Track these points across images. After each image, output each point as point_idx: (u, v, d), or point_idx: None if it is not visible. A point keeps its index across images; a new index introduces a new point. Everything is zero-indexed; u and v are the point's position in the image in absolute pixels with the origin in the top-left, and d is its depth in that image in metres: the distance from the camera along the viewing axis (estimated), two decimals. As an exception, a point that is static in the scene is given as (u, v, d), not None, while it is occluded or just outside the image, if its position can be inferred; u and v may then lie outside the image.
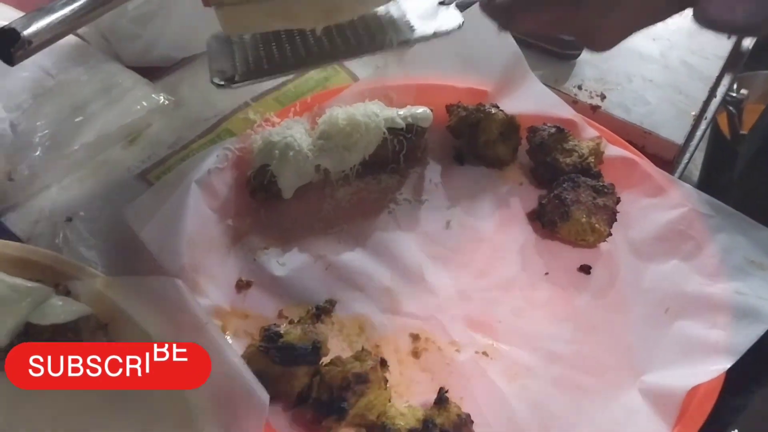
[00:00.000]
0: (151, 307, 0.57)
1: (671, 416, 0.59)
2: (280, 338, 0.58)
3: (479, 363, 0.62)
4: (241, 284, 0.66)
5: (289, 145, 0.70)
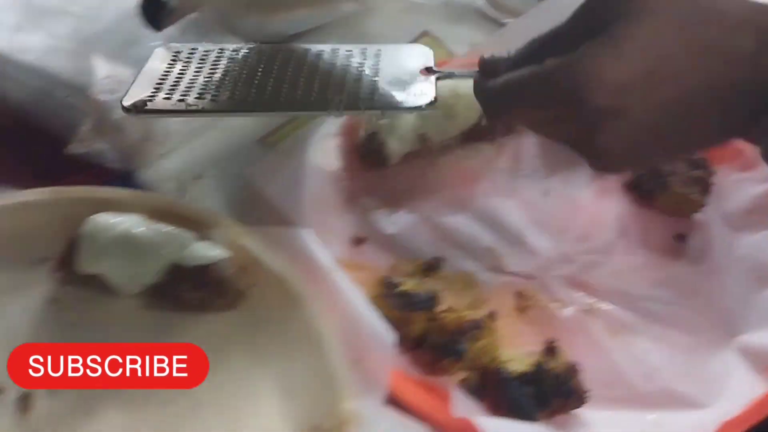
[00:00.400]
0: (280, 254, 0.62)
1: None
2: (397, 287, 0.62)
3: (582, 320, 0.66)
4: (356, 240, 0.70)
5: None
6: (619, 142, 0.42)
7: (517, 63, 0.45)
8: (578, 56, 0.40)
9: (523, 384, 0.58)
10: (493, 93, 0.46)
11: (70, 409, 0.55)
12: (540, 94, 0.43)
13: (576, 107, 0.41)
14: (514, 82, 0.44)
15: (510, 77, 0.44)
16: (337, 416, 0.53)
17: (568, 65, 0.41)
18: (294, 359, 0.58)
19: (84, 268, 0.60)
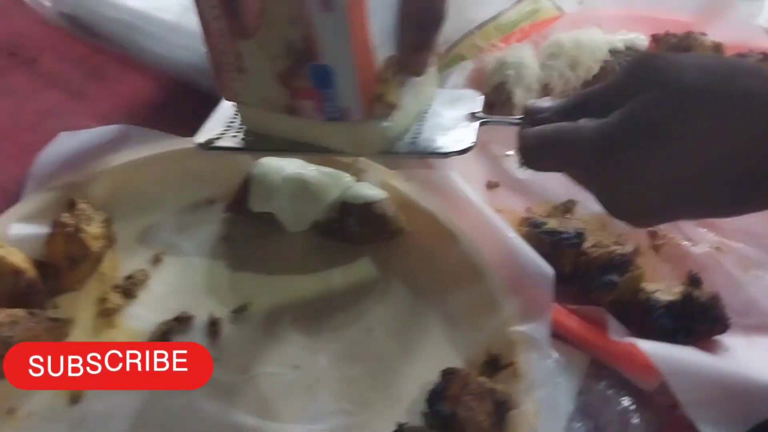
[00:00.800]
0: (432, 194, 0.66)
1: None
2: (543, 225, 0.66)
3: (714, 256, 0.69)
4: (491, 184, 0.74)
5: (522, 64, 0.78)
6: (640, 205, 0.44)
7: (557, 116, 0.47)
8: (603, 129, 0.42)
9: (670, 312, 0.61)
10: (528, 142, 0.47)
11: (255, 333, 0.60)
12: (566, 155, 0.45)
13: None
14: (545, 137, 0.46)
15: (542, 130, 0.46)
16: (506, 340, 0.57)
17: (594, 136, 0.43)
18: (455, 290, 0.62)
19: (255, 208, 0.64)
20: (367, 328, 0.61)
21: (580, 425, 0.57)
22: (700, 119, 0.40)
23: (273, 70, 0.47)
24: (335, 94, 0.46)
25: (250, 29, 0.45)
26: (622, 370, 0.59)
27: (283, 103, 0.49)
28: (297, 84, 0.47)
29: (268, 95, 0.49)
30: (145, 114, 0.76)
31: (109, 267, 0.63)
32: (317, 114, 0.48)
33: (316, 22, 0.43)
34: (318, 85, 0.46)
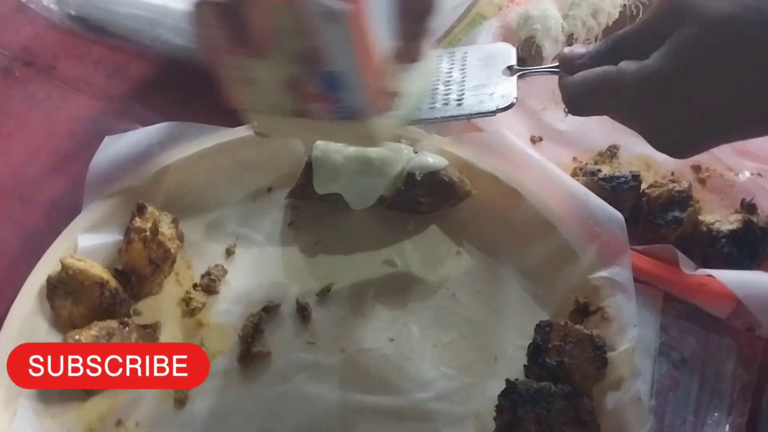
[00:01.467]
0: (487, 155, 0.67)
1: None
2: (599, 172, 0.68)
3: (757, 182, 0.72)
4: (535, 139, 0.75)
5: (547, 17, 0.78)
6: (689, 136, 0.46)
7: (594, 60, 0.48)
8: (647, 70, 0.44)
9: (733, 240, 0.64)
10: (573, 90, 0.48)
11: (344, 312, 0.61)
12: (612, 98, 0.46)
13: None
14: (590, 83, 0.47)
15: (586, 76, 0.47)
16: (590, 287, 0.59)
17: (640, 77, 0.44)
18: (529, 246, 0.63)
19: (321, 190, 0.64)
20: (450, 294, 0.62)
21: (665, 358, 0.60)
22: (741, 47, 0.41)
23: (281, 79, 0.47)
24: (344, 96, 0.47)
25: (260, 49, 0.45)
26: (697, 301, 0.62)
27: (292, 108, 0.49)
28: (305, 90, 0.47)
29: (277, 102, 0.49)
30: (180, 109, 0.74)
31: (182, 267, 0.63)
32: (328, 115, 0.49)
33: (322, 34, 0.43)
34: (327, 89, 0.47)
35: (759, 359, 0.61)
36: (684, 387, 0.59)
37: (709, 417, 0.58)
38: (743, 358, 0.61)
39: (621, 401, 0.53)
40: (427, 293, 0.62)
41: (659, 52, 0.44)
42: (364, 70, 0.45)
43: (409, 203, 0.64)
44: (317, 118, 0.49)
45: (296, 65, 0.46)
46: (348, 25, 0.43)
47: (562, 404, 0.51)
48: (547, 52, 0.78)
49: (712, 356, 0.61)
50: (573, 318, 0.59)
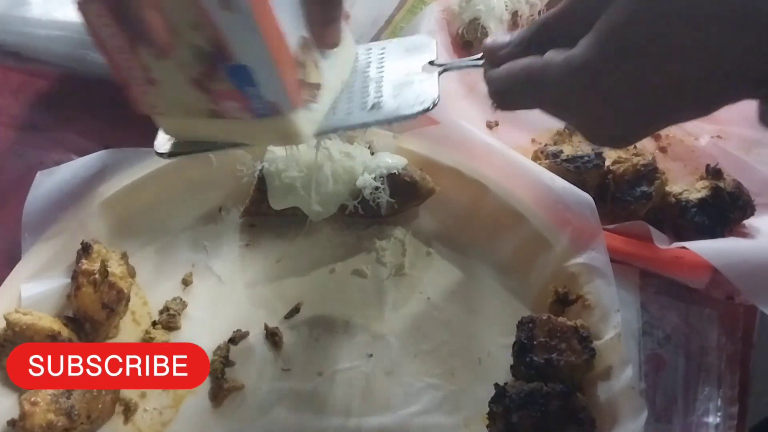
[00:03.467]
0: (446, 148, 0.64)
1: None
2: (561, 153, 0.66)
3: (717, 144, 0.71)
4: (491, 124, 0.73)
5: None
6: (623, 126, 0.42)
7: (519, 49, 0.44)
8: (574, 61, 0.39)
9: (703, 208, 0.63)
10: (497, 84, 0.44)
11: (316, 332, 0.58)
12: (539, 93, 0.42)
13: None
14: (514, 76, 0.43)
15: (510, 69, 0.43)
16: (566, 274, 0.57)
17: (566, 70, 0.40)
18: (500, 238, 0.61)
19: (277, 206, 0.60)
20: (425, 299, 0.60)
21: (648, 337, 0.59)
22: (672, 31, 0.37)
23: (186, 77, 0.43)
24: (259, 91, 0.42)
25: (160, 46, 0.41)
26: (674, 274, 0.61)
27: (204, 107, 0.45)
28: (216, 87, 0.43)
29: (186, 102, 0.45)
30: (116, 133, 0.70)
31: (138, 304, 0.59)
32: (243, 114, 0.44)
33: (219, 23, 0.39)
34: (239, 84, 0.43)
35: (741, 327, 0.60)
36: (671, 365, 0.58)
37: (700, 393, 0.57)
38: (726, 327, 0.60)
39: (613, 391, 0.51)
40: (402, 301, 0.60)
41: (586, 39, 0.39)
42: (277, 60, 0.41)
43: (372, 208, 0.61)
44: (232, 117, 0.45)
45: (200, 60, 0.42)
46: (250, 13, 0.39)
47: (556, 404, 0.49)
48: (494, 33, 0.76)
49: (695, 329, 0.60)
50: (553, 309, 0.57)
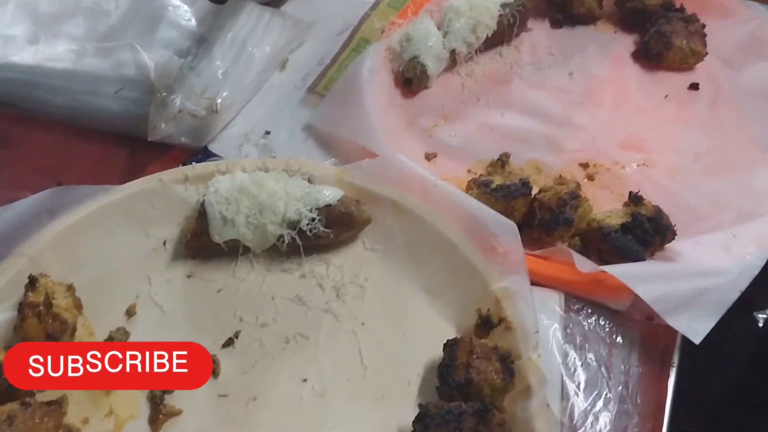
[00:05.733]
0: (383, 180, 0.68)
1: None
2: (491, 183, 0.69)
3: (643, 172, 0.75)
4: (429, 156, 0.77)
5: (428, 36, 0.80)
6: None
7: None
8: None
9: (625, 233, 0.66)
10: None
11: (253, 360, 0.60)
12: None
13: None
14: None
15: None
16: (491, 299, 0.61)
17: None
18: (432, 265, 0.64)
19: (217, 238, 0.63)
20: (360, 324, 0.62)
21: (575, 356, 0.62)
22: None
23: None
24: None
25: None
26: (596, 297, 0.64)
27: None
28: None
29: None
30: (67, 171, 0.73)
31: (84, 334, 0.61)
32: None
33: None
34: None
35: (660, 347, 0.63)
36: (593, 384, 0.61)
37: (620, 410, 0.60)
38: (646, 347, 0.63)
39: (531, 409, 0.54)
40: (338, 326, 0.62)
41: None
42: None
43: (309, 238, 0.64)
44: None
45: None
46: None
47: (472, 422, 0.52)
48: (431, 71, 0.80)
49: (617, 349, 0.63)
50: (478, 332, 0.60)
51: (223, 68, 0.76)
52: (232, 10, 0.81)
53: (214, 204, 0.63)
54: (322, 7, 0.90)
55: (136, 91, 0.74)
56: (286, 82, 0.83)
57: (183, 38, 0.78)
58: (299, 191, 0.65)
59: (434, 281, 0.64)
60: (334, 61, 0.83)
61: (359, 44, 0.85)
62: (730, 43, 0.86)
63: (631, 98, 0.82)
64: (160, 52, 0.76)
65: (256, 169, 0.68)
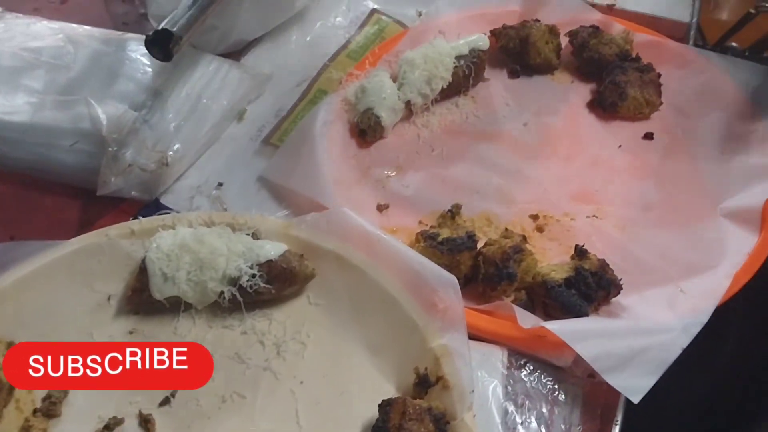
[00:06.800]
0: (329, 234, 0.68)
1: (756, 225, 0.72)
2: (437, 236, 0.69)
3: (593, 224, 0.75)
4: (381, 207, 0.77)
5: (382, 88, 0.81)
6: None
7: None
8: None
9: (568, 287, 0.66)
10: None
11: (188, 419, 0.60)
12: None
13: None
14: None
15: None
16: (430, 356, 0.60)
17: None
18: (373, 320, 0.64)
19: (158, 295, 0.64)
20: (298, 383, 0.62)
21: (515, 415, 0.61)
22: None
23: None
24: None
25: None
26: (539, 353, 0.64)
27: None
28: None
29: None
30: (19, 223, 0.74)
31: (23, 392, 0.61)
32: None
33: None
34: None
35: (603, 405, 0.62)
36: (533, 441, 0.60)
37: (559, 469, 0.59)
38: (588, 405, 0.62)
39: (463, 471, 0.53)
40: (276, 385, 0.62)
41: None
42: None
43: (251, 294, 0.64)
44: None
45: None
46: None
47: (402, 486, 0.52)
48: (385, 122, 0.81)
49: (558, 407, 0.63)
50: (416, 390, 0.60)
51: (175, 121, 0.77)
52: (189, 63, 0.82)
53: (155, 261, 0.63)
54: (282, 58, 0.91)
55: (90, 145, 0.75)
56: (242, 134, 0.83)
57: (139, 92, 0.79)
58: (241, 247, 0.65)
59: (375, 337, 0.64)
60: (290, 113, 0.84)
61: (316, 95, 0.86)
62: (685, 92, 0.87)
63: (584, 149, 0.83)
64: (115, 106, 0.77)
65: (202, 223, 0.68)
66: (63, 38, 0.85)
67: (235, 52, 0.92)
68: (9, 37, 0.87)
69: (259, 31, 0.91)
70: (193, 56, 0.83)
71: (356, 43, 0.93)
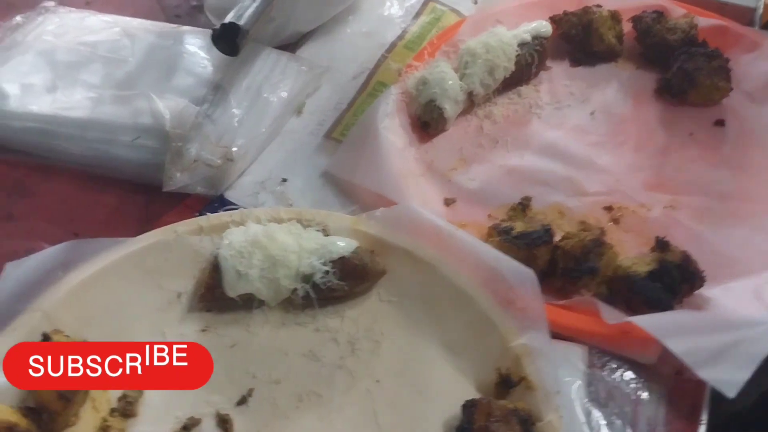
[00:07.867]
0: (398, 229, 0.66)
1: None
2: (512, 230, 0.67)
3: (670, 214, 0.73)
4: (448, 201, 0.75)
5: (444, 79, 0.79)
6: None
7: None
8: None
9: (653, 280, 0.64)
10: None
11: (267, 418, 0.59)
12: None
13: None
14: None
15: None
16: (511, 356, 0.58)
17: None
18: (449, 319, 0.63)
19: (231, 293, 0.62)
20: (374, 381, 0.61)
21: (599, 415, 0.59)
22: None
23: None
24: None
25: None
26: (622, 350, 0.62)
27: None
28: None
29: None
30: (83, 220, 0.73)
31: (98, 391, 0.61)
32: None
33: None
34: None
35: (689, 404, 0.60)
36: (618, 442, 0.58)
37: (647, 470, 0.57)
38: (674, 404, 0.60)
39: (553, 474, 0.52)
40: (351, 384, 0.60)
41: None
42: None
43: (323, 291, 0.63)
44: None
45: None
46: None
47: (491, 489, 0.50)
48: (448, 114, 0.79)
49: (642, 407, 0.60)
50: (497, 391, 0.58)
51: (238, 116, 0.76)
52: (248, 56, 0.81)
53: (228, 258, 0.62)
54: (338, 50, 0.89)
55: (152, 140, 0.74)
56: (302, 128, 0.82)
57: (199, 86, 0.78)
58: (313, 243, 0.63)
59: (451, 336, 0.62)
60: (350, 106, 0.82)
61: (376, 88, 0.84)
62: (755, 77, 0.84)
63: (654, 137, 0.80)
64: (175, 100, 0.76)
65: (271, 219, 0.67)
66: (119, 32, 0.84)
67: (290, 44, 0.90)
68: (64, 31, 0.87)
69: (314, 22, 0.89)
70: (252, 49, 0.82)
71: (412, 33, 0.91)
